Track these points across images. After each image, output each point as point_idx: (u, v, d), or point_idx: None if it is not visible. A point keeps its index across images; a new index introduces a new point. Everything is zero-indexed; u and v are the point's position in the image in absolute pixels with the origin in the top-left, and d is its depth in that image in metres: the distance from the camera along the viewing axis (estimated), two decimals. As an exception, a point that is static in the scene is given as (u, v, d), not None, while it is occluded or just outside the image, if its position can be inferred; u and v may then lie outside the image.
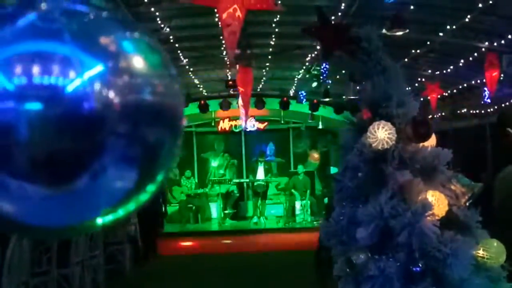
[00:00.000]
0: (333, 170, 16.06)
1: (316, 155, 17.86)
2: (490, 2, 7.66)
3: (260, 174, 16.96)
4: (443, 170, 2.62)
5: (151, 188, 1.19)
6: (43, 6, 1.09)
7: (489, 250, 2.54)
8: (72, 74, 1.02)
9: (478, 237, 2.59)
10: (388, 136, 2.55)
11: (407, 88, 2.90)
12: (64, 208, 1.10)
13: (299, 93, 15.92)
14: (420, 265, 2.47)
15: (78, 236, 5.24)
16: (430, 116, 13.85)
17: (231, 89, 13.62)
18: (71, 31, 1.06)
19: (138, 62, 1.12)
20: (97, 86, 1.03)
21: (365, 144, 2.60)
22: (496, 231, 2.64)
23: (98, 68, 1.04)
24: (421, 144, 2.66)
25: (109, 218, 1.18)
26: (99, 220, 1.17)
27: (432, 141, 2.73)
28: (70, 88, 1.01)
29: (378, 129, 2.55)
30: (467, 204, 2.66)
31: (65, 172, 1.04)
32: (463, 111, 14.58)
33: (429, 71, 11.71)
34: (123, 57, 1.09)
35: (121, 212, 1.18)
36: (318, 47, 9.19)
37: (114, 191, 1.12)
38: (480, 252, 2.53)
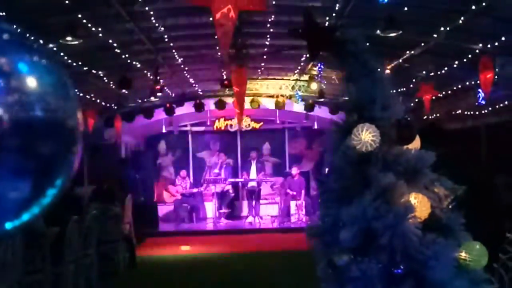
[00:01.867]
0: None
1: None
2: (484, 4, 7.68)
3: (253, 173, 17.00)
4: (426, 172, 2.64)
5: (51, 192, 1.23)
6: None
7: (471, 253, 2.56)
8: None
9: (461, 239, 2.61)
10: (372, 139, 2.58)
11: (399, 90, 2.92)
12: None
13: (295, 93, 15.94)
14: (402, 267, 2.49)
15: None
16: (425, 117, 13.89)
17: (226, 89, 13.63)
18: None
19: (31, 82, 1.16)
20: None
21: (349, 146, 2.62)
22: None
23: None
24: (405, 147, 2.69)
25: (15, 223, 1.22)
26: (3, 227, 1.20)
27: (416, 143, 2.75)
28: None
29: (362, 131, 2.58)
30: (450, 206, 2.68)
31: None
32: (457, 112, 14.62)
33: (423, 72, 11.75)
34: (15, 77, 1.14)
35: (26, 217, 1.23)
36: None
37: (10, 200, 1.17)
38: (462, 255, 2.55)
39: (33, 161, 1.15)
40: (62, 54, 8.97)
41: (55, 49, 8.73)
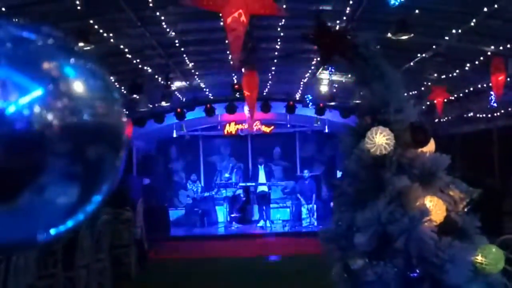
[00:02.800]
0: (340, 174, 16.03)
1: None
2: (496, 6, 7.64)
3: (262, 178, 16.97)
4: (441, 175, 2.62)
5: (97, 199, 1.24)
6: None
7: (487, 256, 2.54)
8: (12, 97, 1.06)
9: (477, 243, 2.59)
10: (386, 142, 2.56)
11: (411, 93, 2.91)
12: (9, 225, 1.14)
13: (305, 97, 15.92)
14: (418, 271, 2.47)
15: (28, 251, 5.38)
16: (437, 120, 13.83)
17: (237, 93, 13.64)
18: (14, 56, 1.11)
19: (78, 86, 1.17)
20: (36, 108, 1.07)
21: (364, 150, 2.61)
22: None
23: (38, 91, 1.09)
24: (419, 150, 2.67)
25: (59, 230, 1.22)
26: (49, 233, 1.21)
27: (430, 146, 2.73)
28: (10, 110, 1.05)
29: (376, 134, 2.56)
30: (466, 209, 2.66)
31: (7, 191, 1.09)
32: (469, 115, 14.54)
33: (435, 75, 11.69)
34: (63, 81, 1.15)
35: (70, 224, 1.23)
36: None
37: (58, 206, 1.17)
38: (479, 258, 2.53)
39: (81, 167, 1.16)
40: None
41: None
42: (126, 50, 10.00)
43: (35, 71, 1.13)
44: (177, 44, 10.33)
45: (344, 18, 8.62)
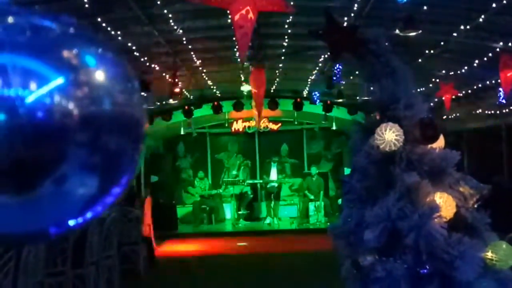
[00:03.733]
0: (347, 171, 16.01)
1: None
2: (504, 2, 7.59)
3: (273, 175, 16.96)
4: (451, 172, 2.62)
5: (116, 191, 1.23)
6: (10, 19, 1.13)
7: (498, 253, 2.53)
8: (33, 86, 1.06)
9: (487, 239, 2.58)
10: (395, 138, 2.56)
11: (419, 89, 2.90)
12: (28, 215, 1.14)
13: (313, 94, 15.88)
14: (427, 267, 2.46)
15: (47, 241, 5.36)
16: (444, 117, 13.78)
17: (245, 90, 13.63)
18: (35, 44, 1.11)
19: (99, 75, 1.16)
20: (57, 97, 1.07)
21: (373, 146, 2.60)
22: None
23: (59, 80, 1.08)
24: (429, 146, 2.66)
25: (78, 221, 1.22)
26: (67, 224, 1.21)
27: (440, 142, 2.72)
28: (30, 99, 1.05)
29: (385, 131, 2.56)
30: (476, 206, 2.65)
31: (27, 181, 1.08)
32: (478, 111, 14.47)
33: (443, 71, 11.63)
34: (84, 70, 1.14)
35: (89, 215, 1.23)
36: (331, 48, 9.12)
37: (78, 197, 1.17)
38: (489, 255, 2.52)
39: (100, 157, 1.15)
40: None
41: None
42: (134, 47, 10.01)
43: (55, 60, 1.12)
44: (184, 42, 10.33)
45: (352, 14, 8.59)
